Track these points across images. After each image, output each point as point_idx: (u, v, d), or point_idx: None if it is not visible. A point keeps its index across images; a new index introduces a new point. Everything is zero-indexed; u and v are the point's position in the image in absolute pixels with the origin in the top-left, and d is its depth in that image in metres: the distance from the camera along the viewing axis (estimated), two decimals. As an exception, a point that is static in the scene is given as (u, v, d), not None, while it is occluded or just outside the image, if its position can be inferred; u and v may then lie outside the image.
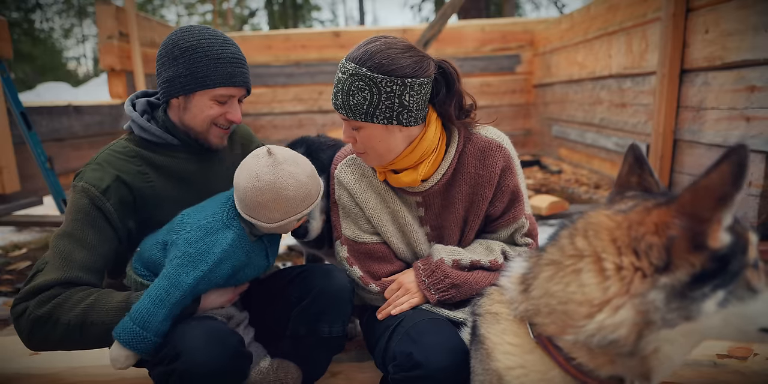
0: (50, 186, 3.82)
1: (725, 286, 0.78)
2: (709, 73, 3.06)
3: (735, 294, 0.78)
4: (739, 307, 0.78)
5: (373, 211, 1.55)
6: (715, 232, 0.77)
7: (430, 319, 1.39)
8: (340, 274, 1.53)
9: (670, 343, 0.83)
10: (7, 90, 3.57)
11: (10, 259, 3.95)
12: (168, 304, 1.24)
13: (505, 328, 1.02)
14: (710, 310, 0.78)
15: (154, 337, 1.23)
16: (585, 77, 5.24)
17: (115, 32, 5.11)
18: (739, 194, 0.74)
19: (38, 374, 1.73)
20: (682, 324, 0.79)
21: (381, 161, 1.46)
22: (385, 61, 1.31)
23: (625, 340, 0.82)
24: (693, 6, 3.20)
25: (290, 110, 7.18)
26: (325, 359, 1.57)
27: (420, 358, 1.23)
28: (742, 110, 2.74)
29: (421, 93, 1.37)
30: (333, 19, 33.73)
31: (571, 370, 0.92)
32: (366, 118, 1.35)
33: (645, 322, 0.81)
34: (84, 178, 1.37)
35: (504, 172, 1.52)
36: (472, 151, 1.51)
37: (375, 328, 1.51)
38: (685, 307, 0.78)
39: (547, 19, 7.05)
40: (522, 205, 1.56)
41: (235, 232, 1.34)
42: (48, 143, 4.05)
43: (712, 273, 0.78)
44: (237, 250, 1.34)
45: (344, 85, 1.35)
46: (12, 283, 3.44)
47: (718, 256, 0.78)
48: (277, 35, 7.13)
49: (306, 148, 1.67)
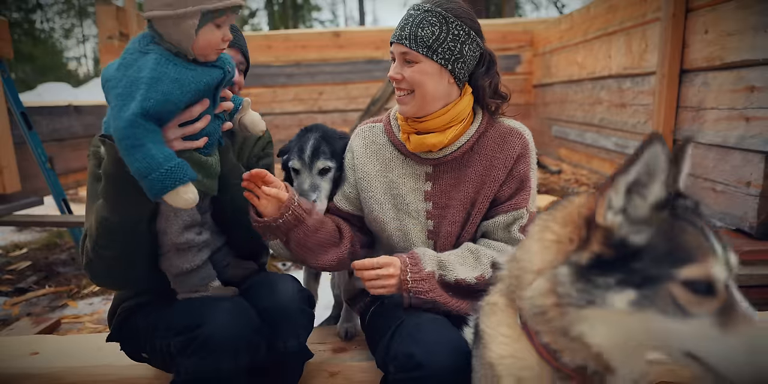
0: (51, 186, 3.82)
1: (635, 287, 0.77)
2: (709, 73, 3.06)
3: (655, 303, 0.76)
4: (663, 321, 0.76)
5: (366, 175, 1.62)
6: (600, 208, 0.81)
7: (432, 319, 1.39)
8: (286, 285, 1.50)
9: (590, 326, 0.82)
10: (8, 90, 3.57)
11: (11, 259, 3.95)
12: (137, 144, 1.18)
13: (500, 319, 1.04)
14: (620, 306, 0.77)
15: (166, 162, 1.19)
16: (585, 77, 5.24)
17: (116, 32, 5.10)
18: (623, 177, 0.78)
19: (38, 374, 1.73)
20: (590, 308, 0.80)
21: (419, 107, 1.50)
22: (461, 10, 1.47)
23: (550, 311, 0.85)
24: (692, 6, 3.20)
25: (290, 110, 7.18)
26: (293, 372, 1.55)
27: (421, 358, 1.23)
28: (741, 110, 2.74)
29: (476, 53, 1.50)
30: (333, 19, 33.75)
31: (545, 355, 0.93)
32: (428, 52, 1.44)
33: (556, 294, 0.84)
34: (93, 143, 1.46)
35: (519, 158, 1.54)
36: (493, 135, 1.56)
37: (377, 328, 1.51)
38: (588, 290, 0.80)
39: (546, 20, 7.06)
40: (528, 195, 1.55)
41: (155, 52, 1.24)
42: (48, 143, 4.06)
43: (611, 262, 0.79)
44: (168, 68, 1.23)
45: (415, 19, 1.45)
46: (12, 283, 3.44)
47: (613, 242, 0.80)
48: (277, 35, 7.13)
49: (321, 133, 1.75)
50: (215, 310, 1.31)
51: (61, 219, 3.67)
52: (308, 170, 1.70)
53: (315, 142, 1.71)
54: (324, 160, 1.70)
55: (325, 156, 1.70)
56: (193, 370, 1.27)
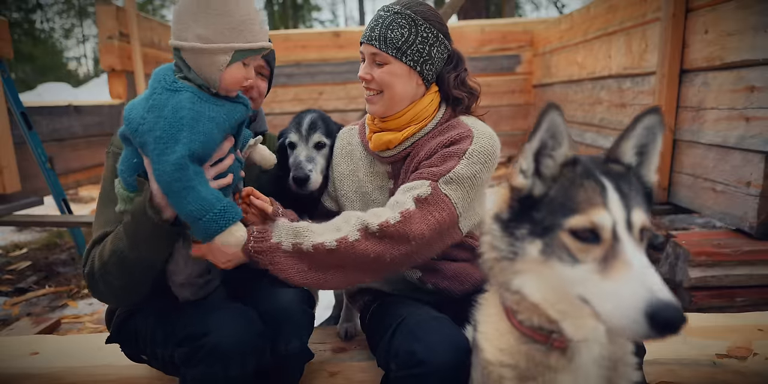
0: (51, 186, 3.82)
1: (539, 236, 0.88)
2: (709, 73, 3.06)
3: (555, 252, 0.86)
4: (561, 268, 0.86)
5: (340, 174, 1.69)
6: (513, 172, 0.95)
7: (433, 317, 1.40)
8: (284, 287, 1.45)
9: (522, 280, 0.93)
10: (8, 90, 3.57)
11: (11, 259, 3.95)
12: (188, 186, 1.17)
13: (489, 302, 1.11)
14: (533, 254, 0.89)
15: (217, 202, 1.20)
16: (585, 77, 5.24)
17: (116, 32, 5.11)
18: (528, 145, 0.91)
19: (38, 374, 1.73)
20: (519, 261, 0.91)
21: (388, 107, 1.53)
22: (429, 13, 1.50)
23: (494, 266, 0.97)
24: (692, 6, 3.20)
25: (290, 110, 7.18)
26: (294, 373, 1.56)
27: (423, 355, 1.24)
28: (741, 110, 2.73)
29: (443, 55, 1.54)
30: (333, 19, 33.76)
31: (511, 319, 1.01)
32: (398, 53, 1.47)
33: (494, 248, 0.96)
34: (114, 144, 1.45)
35: (452, 144, 1.47)
36: (442, 129, 1.55)
37: (377, 327, 1.51)
38: (512, 243, 0.92)
39: (546, 20, 7.05)
40: (439, 173, 1.42)
41: (187, 90, 1.23)
42: (48, 143, 4.06)
43: (520, 214, 0.92)
44: (203, 106, 1.23)
45: (385, 20, 1.47)
46: (12, 283, 3.44)
47: (520, 197, 0.93)
48: (277, 35, 7.12)
49: (318, 113, 1.81)
50: (219, 317, 1.31)
51: (61, 219, 3.67)
52: (305, 143, 1.75)
53: (312, 117, 1.78)
54: (320, 134, 1.75)
55: (321, 131, 1.76)
56: (201, 378, 1.26)
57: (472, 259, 1.53)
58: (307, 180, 1.66)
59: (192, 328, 1.29)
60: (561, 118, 0.88)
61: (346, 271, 1.36)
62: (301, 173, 1.65)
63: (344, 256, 1.32)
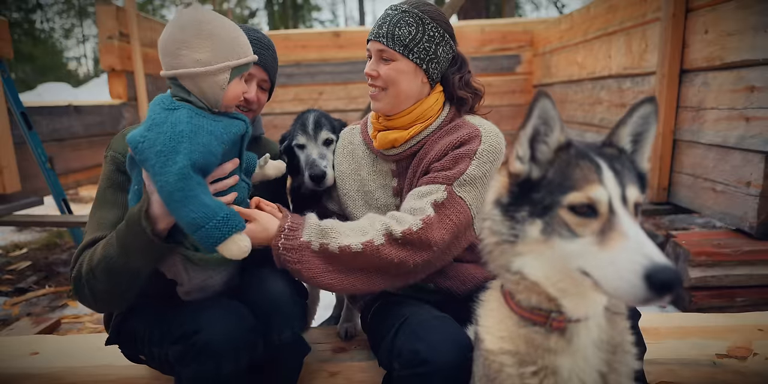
0: (51, 186, 3.82)
1: (540, 216, 0.91)
2: (709, 73, 3.06)
3: (555, 229, 0.89)
4: (562, 244, 0.89)
5: (342, 173, 1.70)
6: (511, 158, 0.98)
7: (436, 316, 1.40)
8: (275, 277, 1.46)
9: (524, 261, 0.95)
10: (8, 90, 3.58)
11: (11, 259, 3.95)
12: (191, 195, 1.18)
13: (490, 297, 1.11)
14: (534, 235, 0.91)
15: (220, 210, 1.21)
16: (585, 77, 5.24)
17: (116, 32, 5.11)
18: (523, 131, 0.94)
19: (38, 374, 1.73)
20: (520, 243, 0.94)
21: (392, 105, 1.54)
22: (436, 13, 1.53)
23: (494, 250, 0.99)
24: (692, 6, 3.20)
25: (290, 110, 7.17)
26: (292, 366, 1.55)
27: (426, 354, 1.24)
28: (741, 110, 2.73)
29: (449, 55, 1.56)
30: (333, 19, 33.76)
31: (510, 303, 1.03)
32: (405, 51, 1.48)
33: (494, 233, 0.98)
34: (112, 147, 1.46)
35: (462, 144, 1.49)
36: (450, 128, 1.56)
37: (379, 327, 1.51)
38: (512, 226, 0.95)
39: (546, 20, 7.05)
40: (452, 175, 1.45)
41: (184, 108, 1.27)
42: (48, 143, 4.06)
43: (519, 197, 0.95)
44: (201, 120, 1.26)
45: (393, 18, 1.49)
46: (12, 283, 3.44)
47: (519, 181, 0.96)
48: (277, 35, 7.13)
49: (319, 112, 1.84)
50: (209, 315, 1.30)
51: (61, 219, 3.67)
52: (314, 141, 1.78)
53: (315, 116, 1.80)
54: (327, 131, 1.78)
55: (327, 128, 1.79)
56: (194, 376, 1.27)
57: (474, 259, 1.53)
58: (323, 176, 1.70)
59: (183, 326, 1.29)
60: (552, 104, 0.91)
61: (369, 275, 1.39)
62: (318, 170, 1.70)
63: (369, 260, 1.36)
